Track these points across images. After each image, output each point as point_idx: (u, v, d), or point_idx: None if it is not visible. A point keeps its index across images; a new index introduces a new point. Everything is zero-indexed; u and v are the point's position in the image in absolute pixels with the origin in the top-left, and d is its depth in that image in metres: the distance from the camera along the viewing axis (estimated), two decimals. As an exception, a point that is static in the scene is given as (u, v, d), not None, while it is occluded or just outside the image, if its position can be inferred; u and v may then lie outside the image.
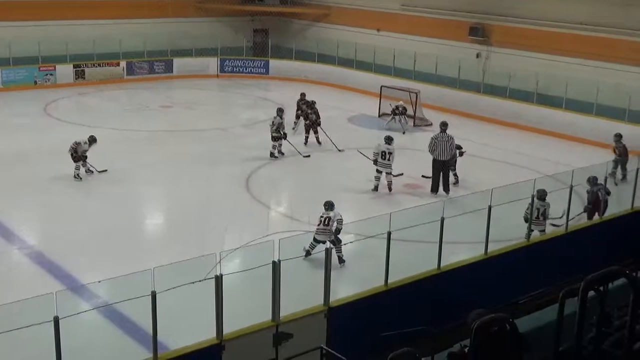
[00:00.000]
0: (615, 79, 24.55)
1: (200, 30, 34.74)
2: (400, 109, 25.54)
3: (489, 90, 28.31)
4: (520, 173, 19.61)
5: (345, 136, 24.22)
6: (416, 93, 26.75)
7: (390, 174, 18.26)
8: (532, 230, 14.10)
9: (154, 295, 8.59)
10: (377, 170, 18.25)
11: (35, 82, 30.60)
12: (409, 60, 30.39)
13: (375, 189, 18.39)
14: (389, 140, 18.44)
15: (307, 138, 22.46)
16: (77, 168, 18.45)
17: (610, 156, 19.94)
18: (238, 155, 21.48)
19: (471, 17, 29.39)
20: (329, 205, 13.93)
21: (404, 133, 24.73)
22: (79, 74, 31.60)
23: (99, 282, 10.47)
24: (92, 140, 18.77)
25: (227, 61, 35.11)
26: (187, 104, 29.24)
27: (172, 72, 34.08)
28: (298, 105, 23.89)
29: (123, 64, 32.83)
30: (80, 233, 15.38)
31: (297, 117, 23.73)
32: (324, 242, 13.36)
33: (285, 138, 21.33)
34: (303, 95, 24.16)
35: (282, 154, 21.50)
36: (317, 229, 13.72)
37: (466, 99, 28.40)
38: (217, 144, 22.90)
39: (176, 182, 19.17)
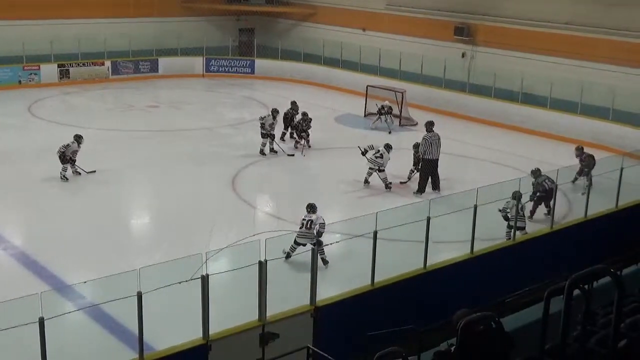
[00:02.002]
0: (599, 78, 24.70)
1: (185, 29, 34.64)
2: (386, 108, 25.57)
3: (474, 89, 28.39)
4: (505, 172, 19.69)
5: (332, 136, 24.25)
6: (402, 93, 26.80)
7: (379, 171, 18.37)
8: (516, 228, 14.25)
9: (139, 296, 8.57)
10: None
11: (20, 82, 30.39)
12: (395, 60, 30.42)
13: (364, 181, 18.66)
14: (385, 146, 18.61)
15: (297, 142, 22.20)
16: (64, 169, 18.35)
17: (596, 155, 19.91)
18: (224, 155, 21.44)
19: (456, 16, 29.47)
20: (311, 208, 13.84)
21: (389, 133, 24.77)
22: (64, 74, 31.42)
23: (85, 282, 10.43)
24: (79, 138, 18.67)
25: (213, 61, 35.02)
26: (173, 103, 29.15)
27: (157, 71, 33.95)
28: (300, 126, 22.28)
29: (108, 63, 32.66)
30: (65, 233, 15.31)
31: (300, 136, 22.30)
32: (304, 245, 13.33)
33: (272, 138, 21.36)
34: (305, 114, 22.46)
35: (275, 152, 21.51)
36: (299, 232, 13.59)
37: (452, 98, 28.46)
38: (203, 144, 22.83)
39: (162, 182, 19.11)
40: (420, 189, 18.19)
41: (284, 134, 22.87)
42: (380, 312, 11.16)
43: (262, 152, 21.34)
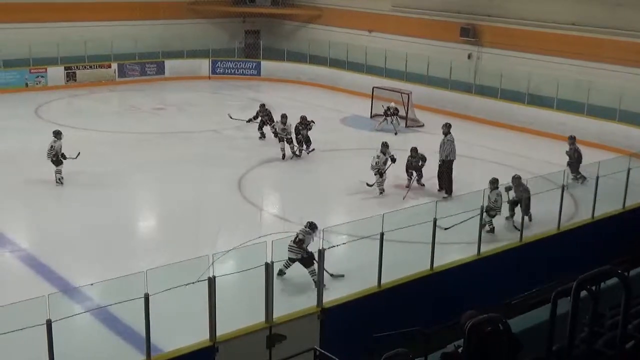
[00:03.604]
0: (606, 79, 24.65)
1: (191, 31, 34.72)
2: (392, 110, 25.55)
3: (480, 90, 28.35)
4: (511, 173, 19.60)
5: (338, 137, 24.26)
6: (408, 94, 26.77)
7: (377, 174, 18.17)
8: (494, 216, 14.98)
9: (146, 298, 8.60)
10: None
11: (27, 85, 30.49)
12: (401, 61, 30.41)
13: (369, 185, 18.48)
14: (381, 145, 18.39)
15: (300, 150, 21.65)
16: (59, 172, 18.30)
17: (603, 155, 19.91)
18: (230, 157, 21.47)
19: (462, 17, 29.44)
20: (310, 226, 12.96)
21: (395, 134, 24.75)
22: (70, 76, 31.51)
23: (92, 284, 10.44)
24: (58, 134, 18.48)
25: (219, 63, 35.07)
26: (179, 105, 29.19)
27: (163, 73, 34.00)
28: (297, 130, 21.68)
29: (114, 66, 32.74)
30: (72, 235, 15.33)
31: (299, 142, 21.66)
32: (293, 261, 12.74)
33: (290, 142, 21.19)
34: (303, 118, 21.88)
35: (298, 155, 21.31)
36: (289, 245, 12.64)
37: (458, 99, 28.45)
38: (209, 146, 22.87)
39: (168, 184, 19.12)
40: (450, 190, 18.16)
41: (262, 135, 22.96)
42: (387, 313, 11.16)
43: (283, 157, 21.18)
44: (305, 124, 21.50)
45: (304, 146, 21.52)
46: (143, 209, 18.15)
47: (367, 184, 18.23)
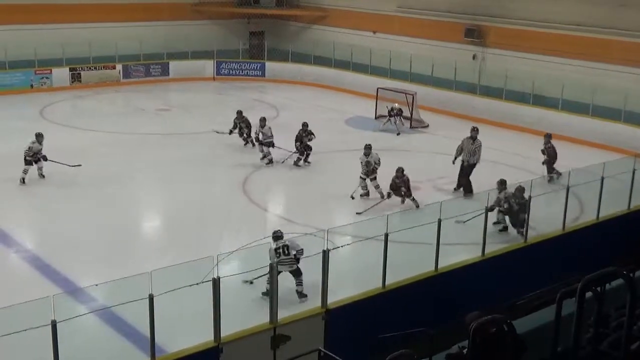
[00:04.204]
0: (611, 79, 24.61)
1: (196, 32, 34.74)
2: (395, 110, 25.55)
3: (485, 91, 28.32)
4: (517, 174, 19.58)
5: (342, 138, 24.25)
6: (412, 95, 26.75)
7: (370, 179, 17.97)
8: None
9: (151, 298, 8.60)
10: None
11: (32, 86, 30.55)
12: (405, 62, 30.40)
13: (366, 194, 18.18)
14: (364, 148, 18.12)
15: (299, 159, 21.09)
16: (25, 172, 18.24)
17: (608, 156, 19.89)
18: (234, 158, 21.46)
19: (467, 18, 29.42)
20: (277, 234, 12.40)
21: (398, 134, 24.75)
22: (75, 77, 31.57)
23: (96, 285, 10.46)
24: (39, 137, 18.57)
25: (224, 64, 35.09)
26: (184, 106, 29.23)
27: (168, 74, 34.05)
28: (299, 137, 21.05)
29: (119, 67, 32.79)
30: (76, 236, 15.35)
31: (298, 150, 20.97)
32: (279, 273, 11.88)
33: (267, 146, 20.85)
34: (304, 125, 21.21)
35: (271, 162, 20.83)
36: (281, 259, 11.88)
37: (462, 100, 28.41)
38: (213, 147, 22.87)
39: (172, 185, 19.14)
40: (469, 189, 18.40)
41: (246, 142, 22.67)
42: (391, 314, 11.14)
43: (270, 161, 20.90)
44: (307, 132, 20.98)
45: (304, 155, 21.01)
46: (147, 210, 18.16)
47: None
